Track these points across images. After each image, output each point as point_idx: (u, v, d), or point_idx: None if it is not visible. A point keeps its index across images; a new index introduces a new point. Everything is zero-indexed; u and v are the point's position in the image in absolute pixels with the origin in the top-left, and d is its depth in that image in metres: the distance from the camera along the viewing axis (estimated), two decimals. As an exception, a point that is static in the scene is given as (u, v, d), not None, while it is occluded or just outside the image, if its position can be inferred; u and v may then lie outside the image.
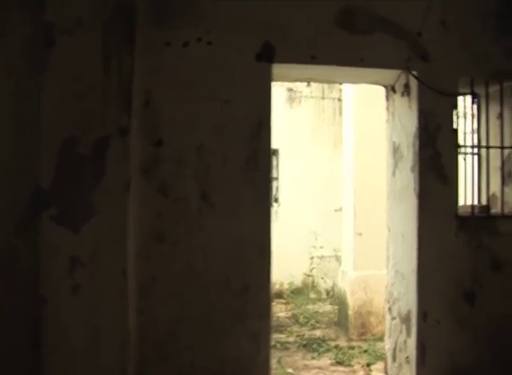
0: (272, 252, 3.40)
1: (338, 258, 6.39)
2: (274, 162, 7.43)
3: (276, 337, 5.47)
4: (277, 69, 3.55)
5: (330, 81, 4.43)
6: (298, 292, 6.99)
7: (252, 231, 3.34)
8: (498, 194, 3.94)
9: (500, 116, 3.82)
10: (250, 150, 3.37)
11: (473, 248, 3.64)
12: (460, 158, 3.82)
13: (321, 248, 6.80)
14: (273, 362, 4.57)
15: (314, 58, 3.46)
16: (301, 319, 5.95)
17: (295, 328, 5.77)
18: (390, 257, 3.98)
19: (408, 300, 3.65)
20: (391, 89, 3.90)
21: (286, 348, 5.16)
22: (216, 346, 3.28)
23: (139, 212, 3.20)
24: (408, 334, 3.64)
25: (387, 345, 4.00)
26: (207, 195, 3.32)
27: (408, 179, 3.69)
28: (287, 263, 6.71)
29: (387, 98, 4.02)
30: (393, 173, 3.94)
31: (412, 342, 3.57)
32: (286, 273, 6.82)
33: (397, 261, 3.86)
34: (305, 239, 6.88)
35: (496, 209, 3.91)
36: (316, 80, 4.16)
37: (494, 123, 3.94)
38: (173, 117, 3.31)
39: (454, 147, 3.65)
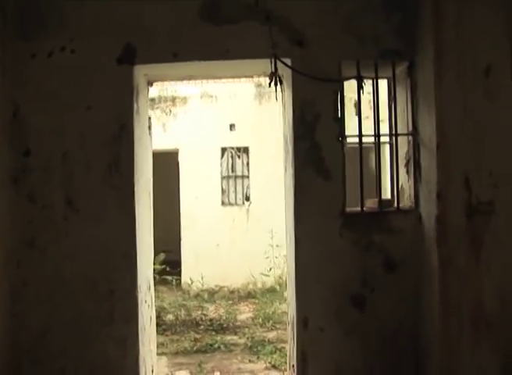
0: (137, 257, 3.36)
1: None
2: (245, 160, 7.32)
3: (228, 338, 5.41)
4: (151, 69, 3.52)
5: (214, 77, 4.25)
6: (272, 292, 6.81)
7: (116, 236, 3.33)
8: (405, 186, 3.58)
9: (393, 99, 3.46)
10: (112, 155, 3.35)
11: (362, 247, 3.33)
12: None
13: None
14: (193, 367, 4.57)
15: (175, 56, 3.36)
16: (260, 320, 5.81)
17: (252, 329, 5.65)
18: (287, 259, 3.76)
19: (293, 305, 3.43)
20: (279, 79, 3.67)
21: (230, 351, 5.08)
22: (85, 351, 3.32)
23: (9, 219, 3.33)
24: (293, 342, 3.42)
25: (288, 352, 3.79)
26: (72, 202, 3.36)
27: (290, 174, 3.47)
28: (260, 263, 6.57)
29: (281, 89, 3.79)
30: (285, 169, 3.72)
31: (294, 350, 3.36)
32: (258, 272, 6.69)
33: (288, 263, 3.64)
34: (277, 238, 6.67)
35: (402, 204, 3.55)
36: (199, 77, 4.04)
37: (402, 109, 3.58)
38: (40, 127, 3.38)
39: (337, 138, 3.36)
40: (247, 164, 7.27)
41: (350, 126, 3.51)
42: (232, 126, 7.19)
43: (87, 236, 3.34)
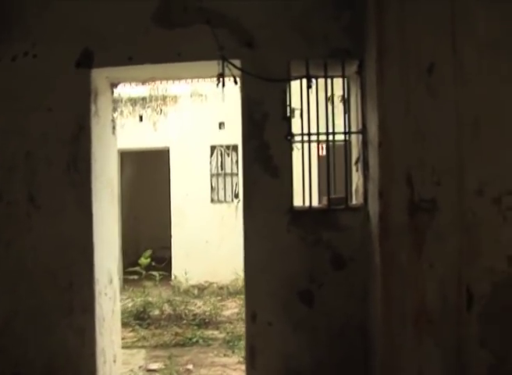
0: (94, 251, 3.50)
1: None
2: (234, 158, 7.41)
3: (209, 333, 5.54)
4: (111, 72, 3.66)
5: (175, 78, 4.36)
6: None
7: (74, 231, 3.49)
8: (359, 184, 3.61)
9: (343, 98, 3.49)
10: (70, 154, 3.51)
11: (309, 244, 3.39)
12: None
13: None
14: (164, 359, 4.71)
15: (130, 59, 3.49)
16: (243, 316, 5.89)
17: (233, 325, 5.75)
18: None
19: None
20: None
21: (208, 345, 5.20)
22: (46, 339, 3.50)
23: (-23, 216, 3.54)
24: (244, 335, 3.51)
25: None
26: (34, 199, 3.54)
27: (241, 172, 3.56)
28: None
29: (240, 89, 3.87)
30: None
31: (244, 343, 3.45)
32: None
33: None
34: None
35: (356, 201, 3.58)
36: (161, 79, 4.15)
37: (355, 107, 3.62)
38: (5, 127, 3.58)
39: (286, 136, 3.42)
40: (236, 162, 7.36)
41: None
42: (221, 125, 7.30)
43: (49, 231, 3.51)
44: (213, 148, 7.48)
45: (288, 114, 3.43)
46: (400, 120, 3.12)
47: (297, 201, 3.51)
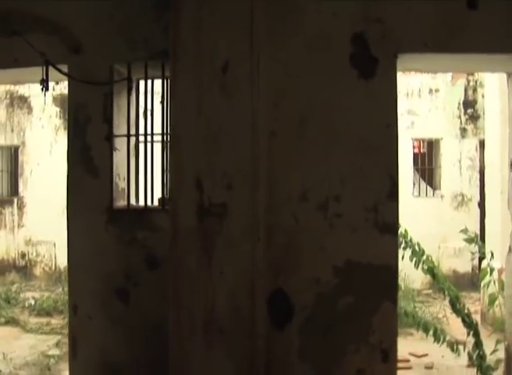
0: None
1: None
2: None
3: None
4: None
5: (28, 82, 4.54)
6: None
7: None
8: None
9: (163, 99, 3.50)
10: None
11: (126, 243, 3.48)
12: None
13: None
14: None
15: (-27, 65, 3.77)
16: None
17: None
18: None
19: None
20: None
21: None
22: None
23: None
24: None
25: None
26: None
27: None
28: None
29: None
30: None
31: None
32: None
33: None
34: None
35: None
36: (23, 82, 4.38)
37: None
38: None
39: (106, 138, 3.51)
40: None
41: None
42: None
43: None
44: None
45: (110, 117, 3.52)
46: (192, 123, 3.09)
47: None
